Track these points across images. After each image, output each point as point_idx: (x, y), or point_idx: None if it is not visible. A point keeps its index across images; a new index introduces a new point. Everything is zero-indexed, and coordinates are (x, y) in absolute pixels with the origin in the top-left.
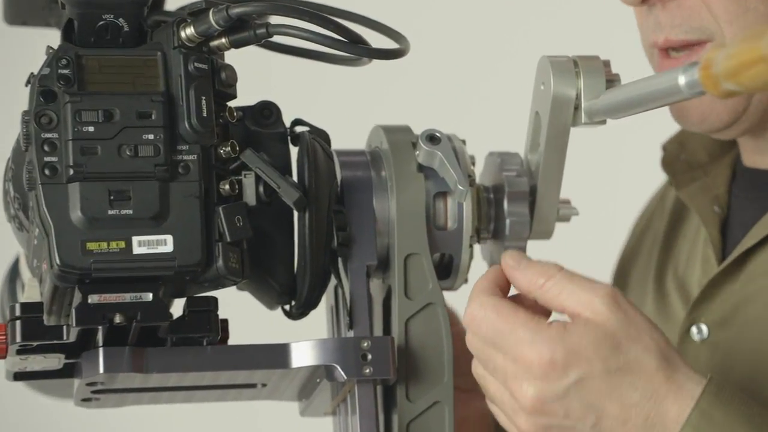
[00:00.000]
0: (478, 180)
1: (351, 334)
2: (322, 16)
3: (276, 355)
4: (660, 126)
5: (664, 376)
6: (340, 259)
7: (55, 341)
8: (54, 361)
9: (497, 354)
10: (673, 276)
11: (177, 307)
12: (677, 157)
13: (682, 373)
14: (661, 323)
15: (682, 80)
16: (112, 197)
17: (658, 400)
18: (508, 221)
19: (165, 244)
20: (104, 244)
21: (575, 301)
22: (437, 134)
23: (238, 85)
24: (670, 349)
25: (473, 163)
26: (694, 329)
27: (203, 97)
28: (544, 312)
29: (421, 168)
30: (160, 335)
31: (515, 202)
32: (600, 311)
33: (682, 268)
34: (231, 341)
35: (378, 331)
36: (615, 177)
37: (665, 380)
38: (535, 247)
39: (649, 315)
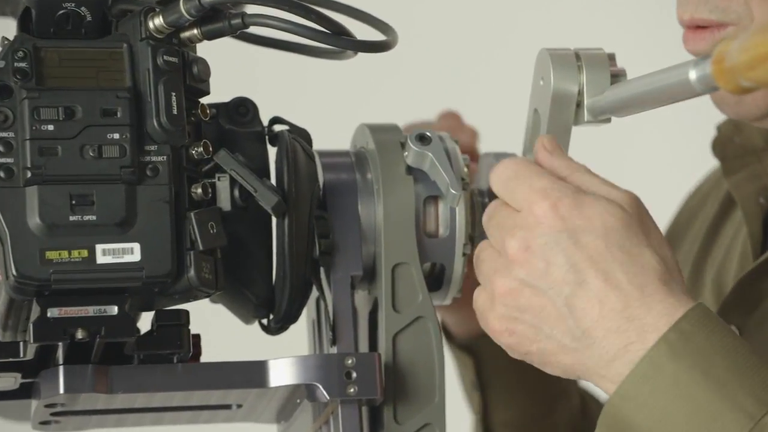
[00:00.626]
0: (471, 183)
1: (334, 350)
2: (303, 5)
3: (252, 374)
4: (669, 125)
5: (660, 279)
6: (322, 269)
7: (10, 359)
8: (9, 381)
9: (505, 204)
10: (711, 268)
11: (145, 322)
12: (731, 140)
13: (678, 285)
14: None
15: (693, 75)
16: (73, 202)
17: (646, 295)
18: None
19: (131, 252)
20: (65, 253)
21: (597, 189)
22: (428, 134)
23: (212, 80)
24: (674, 267)
25: (467, 165)
26: None
27: (173, 93)
28: None
29: (410, 170)
30: (126, 352)
31: None
32: (618, 197)
33: (721, 261)
34: (204, 358)
35: (363, 347)
36: (620, 179)
37: (660, 282)
38: None
39: None
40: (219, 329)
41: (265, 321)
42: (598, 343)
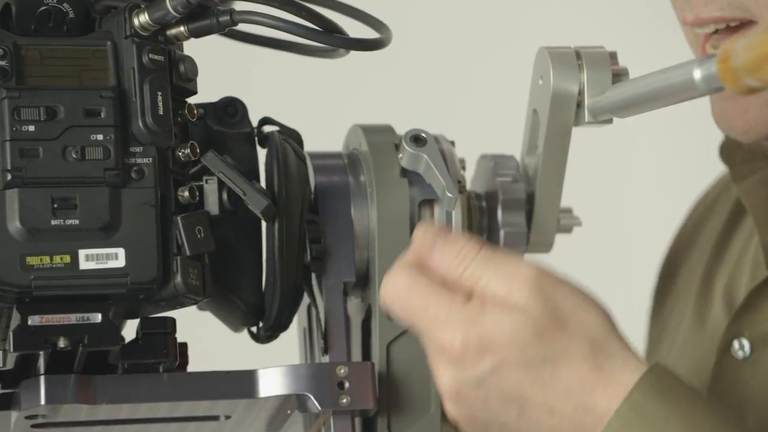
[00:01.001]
0: (468, 186)
1: (326, 359)
2: (293, 1)
3: (241, 383)
4: (671, 125)
5: (592, 365)
6: (313, 275)
7: None
8: None
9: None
10: (722, 279)
11: (129, 330)
12: (739, 144)
13: (617, 359)
14: (699, 334)
15: (698, 74)
16: (55, 205)
17: (587, 390)
18: (502, 232)
19: (116, 258)
20: (47, 259)
21: (495, 286)
22: (423, 135)
23: (200, 80)
24: (606, 333)
25: (463, 168)
26: (735, 344)
27: (159, 93)
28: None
29: (404, 173)
30: (111, 361)
31: (510, 211)
32: (520, 297)
33: (732, 271)
34: (191, 368)
35: (356, 356)
36: (622, 182)
37: (594, 369)
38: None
39: (688, 323)
40: (207, 337)
41: (254, 329)
42: None
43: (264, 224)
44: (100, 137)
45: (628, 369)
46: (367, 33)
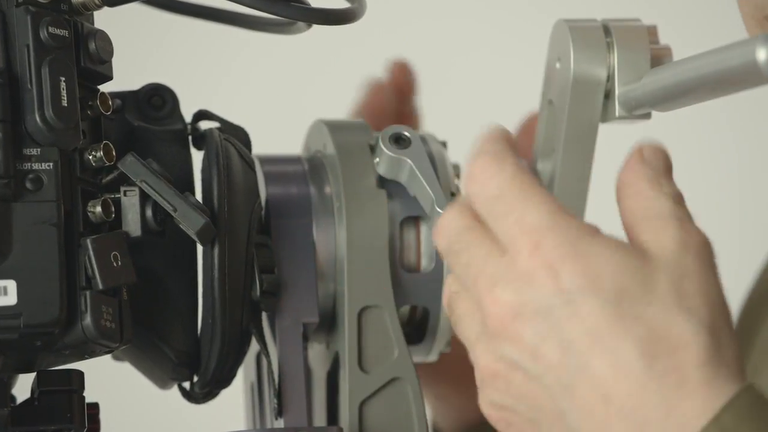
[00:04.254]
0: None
1: (280, 423)
2: None
3: None
4: (717, 118)
5: (697, 361)
6: (264, 315)
7: None
8: None
9: (480, 228)
10: None
11: (23, 387)
12: None
13: (727, 366)
14: None
15: (762, 55)
16: None
17: (669, 388)
18: None
19: (4, 293)
20: None
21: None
22: (405, 134)
23: (116, 61)
24: (726, 333)
25: (458, 175)
26: None
27: (62, 78)
28: None
29: (382, 182)
30: None
31: None
32: (649, 241)
33: None
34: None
35: (320, 419)
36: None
37: (697, 365)
38: None
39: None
40: (125, 396)
41: (187, 385)
42: None
43: (200, 249)
44: None
45: (728, 387)
46: (335, 3)
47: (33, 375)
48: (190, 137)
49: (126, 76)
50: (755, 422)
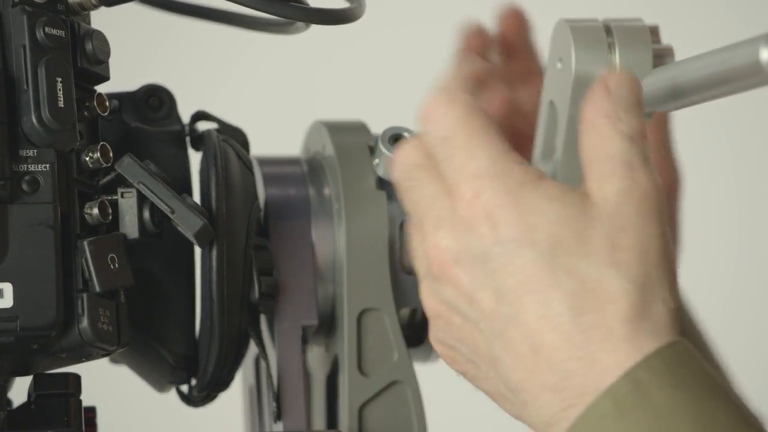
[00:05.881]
0: None
1: (279, 427)
2: None
3: None
4: (717, 117)
5: (622, 317)
6: (263, 318)
7: None
8: None
9: (432, 176)
10: None
11: (19, 390)
12: None
13: (654, 320)
14: None
15: (766, 55)
16: None
17: (593, 341)
18: None
19: (0, 296)
20: None
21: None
22: (405, 134)
23: (113, 62)
24: (657, 285)
25: None
26: None
27: (59, 79)
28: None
29: (381, 184)
30: None
31: None
32: (595, 185)
33: None
34: None
35: (319, 423)
36: None
37: (622, 321)
38: None
39: None
40: (122, 399)
41: (185, 388)
42: (532, 402)
43: (198, 251)
44: None
45: (649, 342)
46: (335, 3)
47: (29, 378)
48: (187, 138)
49: (123, 77)
50: (672, 377)
